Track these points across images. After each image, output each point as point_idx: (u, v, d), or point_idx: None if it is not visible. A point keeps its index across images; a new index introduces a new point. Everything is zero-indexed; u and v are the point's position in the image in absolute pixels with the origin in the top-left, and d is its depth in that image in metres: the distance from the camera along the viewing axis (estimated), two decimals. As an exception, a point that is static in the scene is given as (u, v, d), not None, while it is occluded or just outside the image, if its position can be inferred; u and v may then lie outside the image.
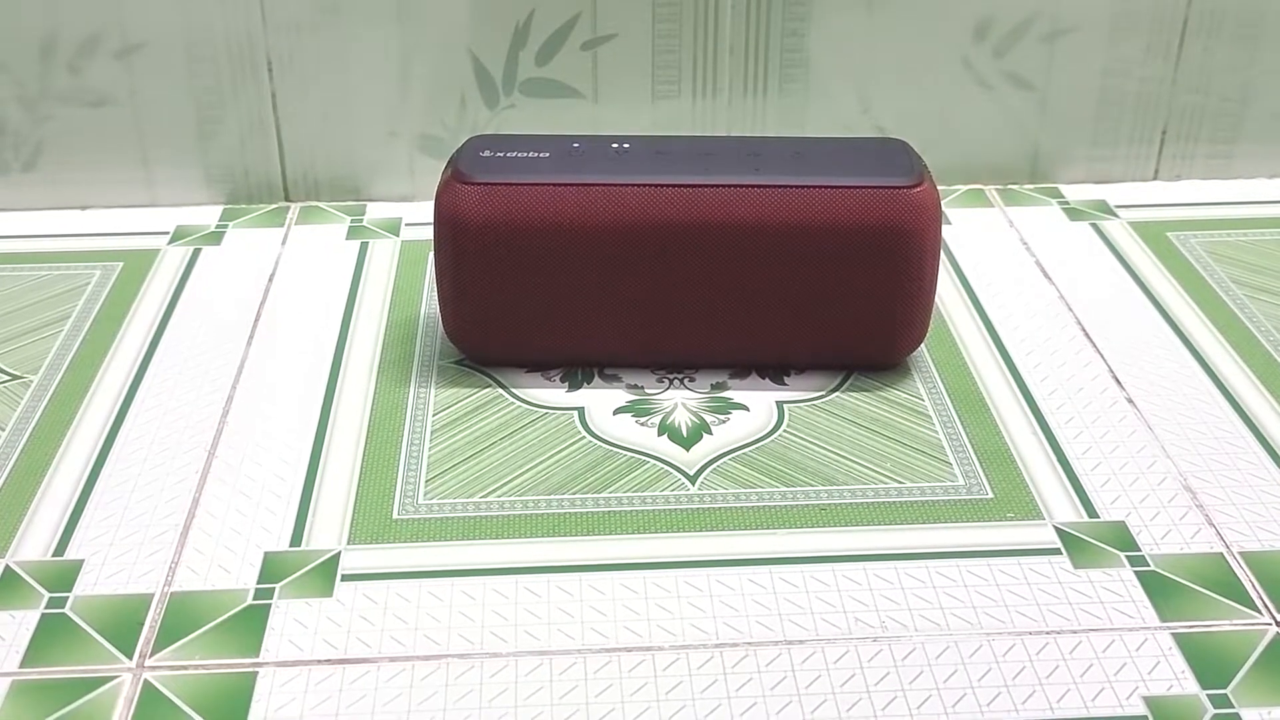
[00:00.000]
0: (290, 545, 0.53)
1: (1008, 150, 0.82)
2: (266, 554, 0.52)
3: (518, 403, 0.62)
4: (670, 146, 0.63)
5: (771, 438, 0.60)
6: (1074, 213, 0.80)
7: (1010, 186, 0.83)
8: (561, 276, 0.61)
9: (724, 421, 0.61)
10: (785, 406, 0.62)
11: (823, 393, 0.63)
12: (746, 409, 0.62)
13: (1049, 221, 0.79)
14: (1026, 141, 0.82)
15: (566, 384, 0.63)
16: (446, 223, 0.61)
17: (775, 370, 0.64)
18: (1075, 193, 0.82)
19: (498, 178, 0.61)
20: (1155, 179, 0.84)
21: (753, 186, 0.60)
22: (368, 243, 0.77)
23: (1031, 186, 0.83)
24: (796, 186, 0.60)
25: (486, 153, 0.62)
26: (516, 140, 0.64)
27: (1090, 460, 0.58)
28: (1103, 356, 0.66)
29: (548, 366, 0.65)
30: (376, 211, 0.80)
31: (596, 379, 0.64)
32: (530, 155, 0.62)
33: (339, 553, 0.53)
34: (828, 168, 0.61)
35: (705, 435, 0.60)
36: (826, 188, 0.60)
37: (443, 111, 0.79)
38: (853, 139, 0.66)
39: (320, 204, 0.81)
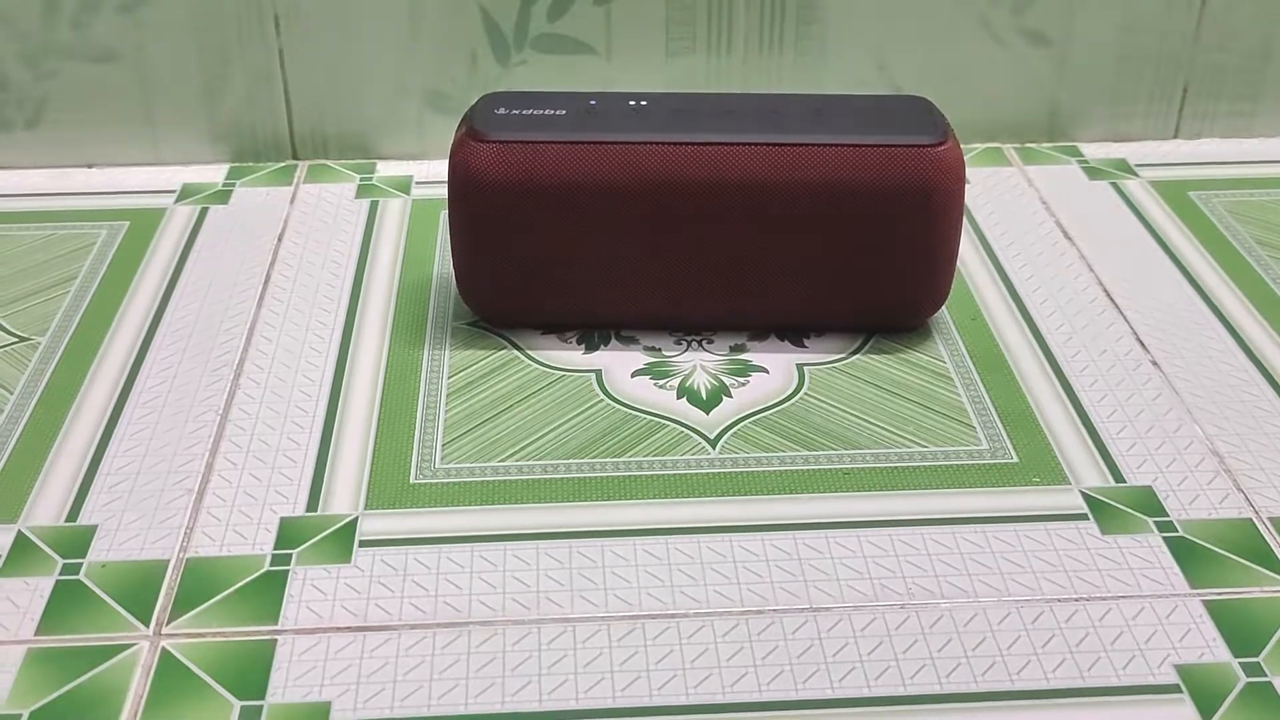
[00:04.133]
0: (306, 511, 0.52)
1: (1026, 108, 0.81)
2: (283, 519, 0.52)
3: (534, 365, 0.61)
4: (689, 104, 0.62)
5: (792, 401, 0.59)
6: (1094, 172, 0.79)
7: (1029, 145, 0.82)
8: (578, 237, 0.60)
9: (743, 384, 0.60)
10: (805, 369, 0.61)
11: (843, 355, 0.62)
12: (766, 371, 0.61)
13: (1068, 180, 0.78)
14: (1045, 99, 0.81)
15: (583, 346, 0.63)
16: (461, 181, 0.60)
17: (795, 332, 0.63)
18: (1094, 151, 0.81)
19: (513, 136, 0.59)
20: (1175, 137, 0.83)
21: (775, 145, 0.59)
22: (378, 201, 0.75)
23: (1050, 145, 0.82)
24: (820, 145, 0.59)
25: (501, 110, 0.61)
26: (532, 97, 0.62)
27: (1115, 424, 0.57)
28: (1126, 319, 0.65)
29: (564, 328, 0.64)
30: (386, 170, 0.79)
31: (614, 341, 0.63)
32: (546, 113, 0.61)
33: (356, 518, 0.52)
34: (851, 126, 0.60)
35: (725, 398, 0.59)
36: (850, 146, 0.59)
37: (453, 68, 0.78)
38: (875, 96, 0.65)
39: (328, 162, 0.80)
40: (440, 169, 0.79)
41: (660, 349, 0.62)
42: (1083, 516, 0.52)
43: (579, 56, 0.78)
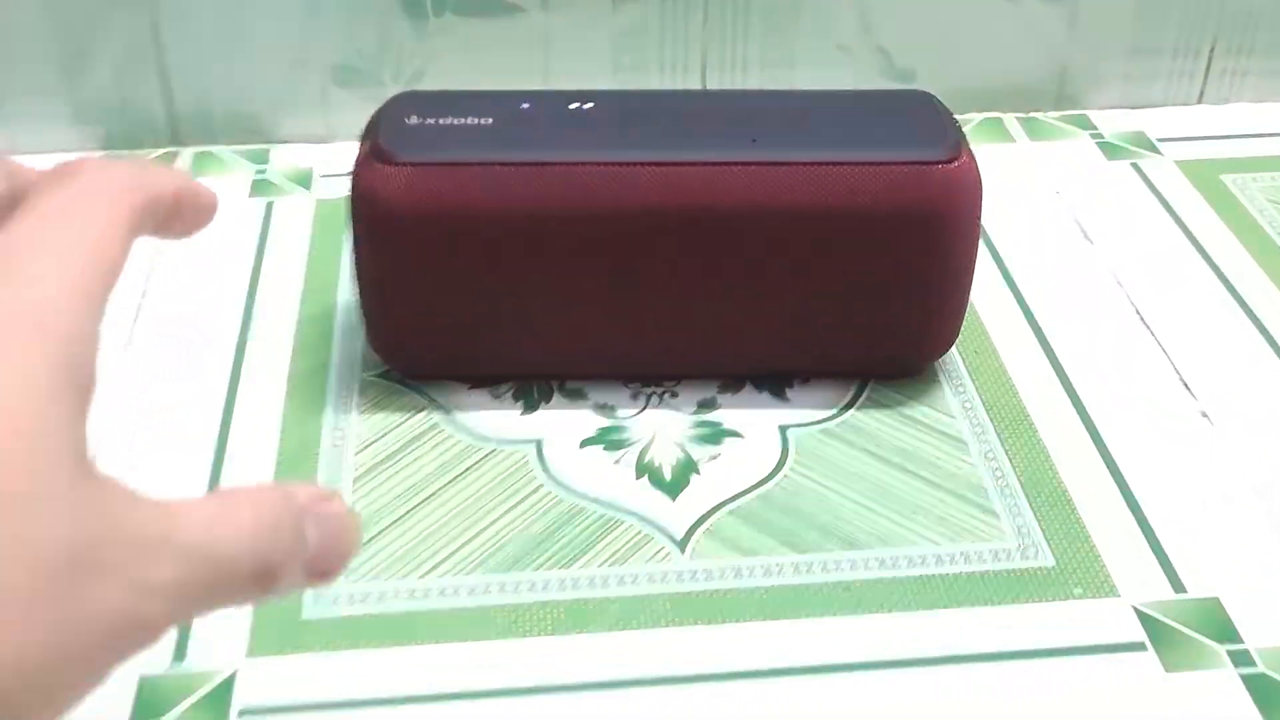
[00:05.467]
0: (173, 663, 0.41)
1: (1030, 70, 0.70)
2: (142, 679, 0.41)
3: (460, 434, 0.50)
4: (643, 106, 0.50)
5: (776, 479, 0.48)
6: (1111, 149, 0.68)
7: (1033, 115, 0.70)
8: (512, 275, 0.49)
9: (715, 457, 0.49)
10: (789, 433, 0.50)
11: (834, 411, 0.51)
12: (741, 436, 0.50)
13: (1082, 161, 0.67)
14: (1052, 60, 0.69)
15: (521, 404, 0.52)
16: (366, 212, 0.48)
17: (774, 381, 0.53)
18: (1108, 121, 0.70)
19: (429, 155, 0.48)
20: (1200, 102, 0.72)
21: (750, 164, 0.47)
22: (273, 202, 0.63)
23: (1057, 115, 0.70)
24: (805, 164, 0.47)
25: (414, 118, 0.49)
26: (451, 100, 0.50)
27: (1164, 502, 0.47)
28: (1166, 353, 0.54)
29: (496, 380, 0.53)
30: (284, 157, 0.67)
31: (557, 395, 0.52)
32: (469, 122, 0.49)
33: (234, 673, 0.41)
34: (841, 135, 0.49)
35: (693, 476, 0.48)
36: (841, 164, 0.47)
37: (361, 35, 0.65)
38: (868, 93, 0.53)
39: (216, 148, 0.67)
40: (348, 154, 0.66)
41: (614, 407, 0.51)
42: (1138, 646, 0.42)
43: (508, 19, 0.66)
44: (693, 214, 0.47)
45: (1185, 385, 0.53)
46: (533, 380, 0.52)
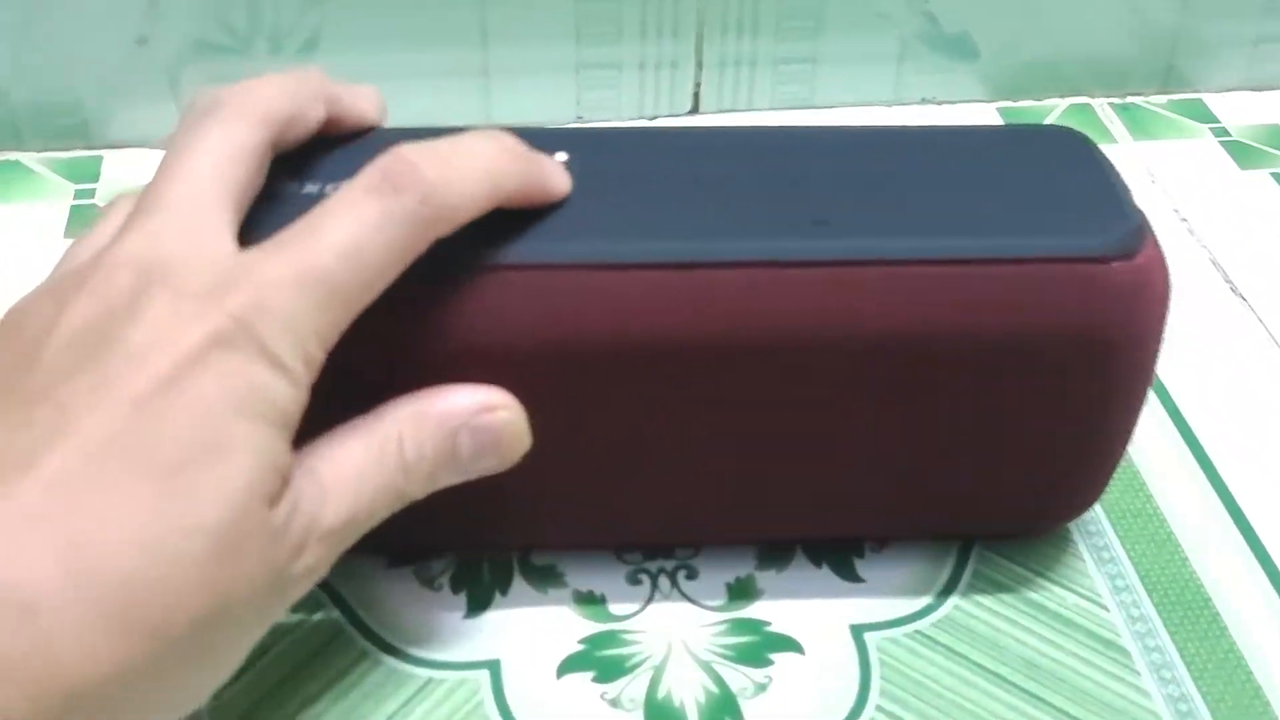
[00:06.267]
0: None
1: (1129, 41, 0.52)
2: None
3: (374, 653, 0.33)
4: (648, 157, 0.32)
5: (857, 728, 0.32)
6: (1242, 153, 0.51)
7: (1133, 99, 0.53)
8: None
9: (762, 686, 0.33)
10: (867, 638, 0.34)
11: (928, 599, 0.35)
12: (799, 648, 0.34)
13: (1208, 170, 0.50)
14: (1158, 27, 0.52)
15: (463, 594, 0.35)
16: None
17: (837, 548, 0.36)
18: (1231, 109, 0.53)
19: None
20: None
21: (817, 265, 0.30)
22: (103, 243, 0.45)
23: (1164, 99, 0.53)
24: (898, 263, 0.30)
25: (297, 184, 0.31)
26: (348, 147, 0.32)
27: None
28: (1383, 485, 0.38)
29: (427, 556, 0.35)
30: (118, 169, 0.48)
31: (518, 578, 0.35)
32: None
33: None
34: (950, 209, 0.31)
35: (731, 723, 0.32)
36: (954, 263, 0.30)
37: (224, 3, 0.47)
38: (978, 131, 0.36)
39: (25, 156, 0.48)
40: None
41: (604, 598, 0.35)
42: None
43: (432, -23, 0.47)
44: (725, 339, 0.30)
45: None
46: (481, 552, 0.35)
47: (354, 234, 0.26)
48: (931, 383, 0.31)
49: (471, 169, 0.28)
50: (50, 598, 0.22)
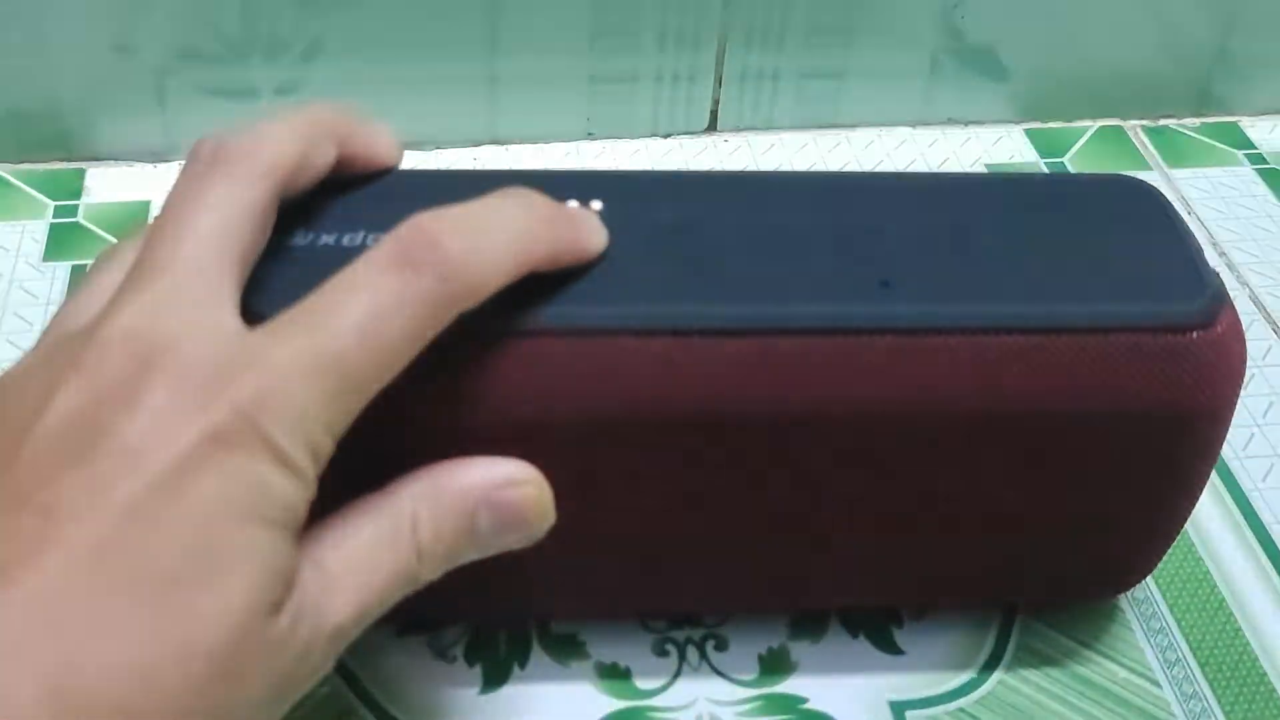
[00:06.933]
0: None
1: (1164, 62, 0.50)
2: None
3: (385, 732, 0.31)
4: (691, 205, 0.30)
5: (900, 822, 0.30)
6: (1278, 181, 0.49)
7: (1166, 122, 0.51)
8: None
9: (799, 773, 0.31)
10: (909, 716, 0.32)
11: (971, 671, 0.33)
12: (836, 728, 0.32)
13: (1247, 204, 0.48)
14: (1194, 47, 0.50)
15: (479, 668, 0.32)
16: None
17: (873, 619, 0.34)
18: (1267, 134, 0.51)
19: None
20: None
21: (880, 333, 0.28)
22: (82, 267, 0.42)
23: (1198, 122, 0.51)
24: (963, 331, 0.28)
25: (304, 236, 0.29)
26: (359, 193, 0.30)
27: None
28: None
29: (438, 625, 0.33)
30: (102, 188, 0.45)
31: (537, 650, 0.33)
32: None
33: None
34: (1026, 273, 0.29)
35: (767, 816, 0.30)
36: (1029, 333, 0.28)
37: (215, 8, 0.44)
38: (1038, 181, 0.34)
39: (2, 170, 0.46)
40: (202, 180, 0.45)
41: (628, 669, 0.32)
42: None
43: (439, -16, 0.44)
44: (778, 411, 0.28)
45: None
46: (496, 626, 0.33)
47: (370, 315, 0.24)
48: (992, 456, 0.29)
49: (498, 240, 0.26)
50: None
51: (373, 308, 0.24)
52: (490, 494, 0.26)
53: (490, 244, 0.25)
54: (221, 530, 0.22)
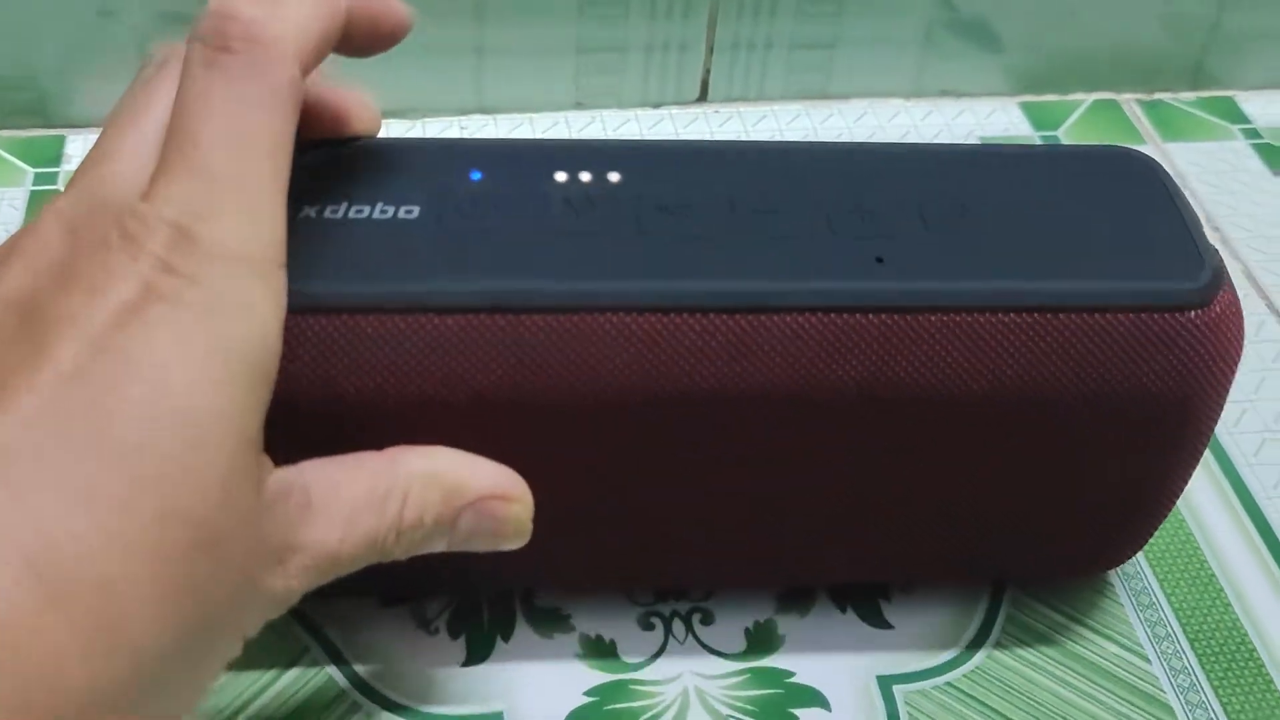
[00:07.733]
0: None
1: (1159, 34, 0.49)
2: None
3: (367, 704, 0.31)
4: (697, 178, 0.29)
5: (887, 797, 0.30)
6: (1273, 156, 0.49)
7: (1160, 96, 0.51)
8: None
9: (785, 746, 0.30)
10: (897, 692, 0.32)
11: (959, 647, 0.33)
12: (824, 702, 0.31)
13: (1237, 172, 0.48)
14: (1190, 20, 0.49)
15: (463, 640, 0.32)
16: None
17: (862, 592, 0.34)
18: (1262, 109, 0.51)
19: (319, 293, 0.26)
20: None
21: (872, 312, 0.27)
22: (67, 233, 0.42)
23: (1193, 96, 0.51)
24: (958, 310, 0.27)
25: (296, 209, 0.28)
26: (347, 163, 0.29)
27: None
28: None
29: (421, 596, 0.33)
30: (82, 154, 0.44)
31: (521, 622, 0.32)
32: (384, 214, 0.28)
33: None
34: (1022, 248, 0.28)
35: (753, 790, 0.30)
36: (1025, 311, 0.27)
37: (197, -31, 0.43)
38: (1033, 152, 0.33)
39: (-19, 133, 0.45)
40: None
41: (613, 642, 0.32)
42: None
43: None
44: (771, 389, 0.27)
45: None
46: (478, 596, 0.33)
47: (221, 116, 0.23)
48: (985, 434, 0.29)
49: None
50: (23, 615, 0.19)
51: (219, 110, 0.23)
52: (481, 501, 0.26)
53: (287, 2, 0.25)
54: (180, 389, 0.21)
